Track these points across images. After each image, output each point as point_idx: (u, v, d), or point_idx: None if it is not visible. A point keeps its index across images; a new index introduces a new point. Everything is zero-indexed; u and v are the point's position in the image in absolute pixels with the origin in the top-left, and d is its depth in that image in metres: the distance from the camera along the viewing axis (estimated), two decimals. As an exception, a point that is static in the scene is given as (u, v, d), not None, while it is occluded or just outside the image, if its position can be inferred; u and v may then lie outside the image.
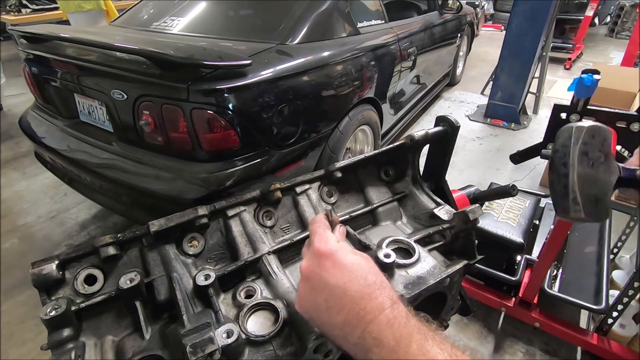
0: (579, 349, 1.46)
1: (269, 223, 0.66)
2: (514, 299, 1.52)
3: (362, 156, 0.73)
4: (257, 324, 0.50)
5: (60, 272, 0.51)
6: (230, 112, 1.39)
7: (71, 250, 0.53)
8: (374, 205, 0.73)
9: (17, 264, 2.04)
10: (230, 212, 0.63)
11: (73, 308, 0.49)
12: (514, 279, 1.47)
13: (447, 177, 0.83)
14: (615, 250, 1.75)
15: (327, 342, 0.47)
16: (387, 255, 0.54)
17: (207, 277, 0.53)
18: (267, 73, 1.50)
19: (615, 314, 1.33)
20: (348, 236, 0.65)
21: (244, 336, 0.48)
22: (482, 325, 1.66)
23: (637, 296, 1.31)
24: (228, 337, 0.45)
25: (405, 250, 0.61)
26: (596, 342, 1.36)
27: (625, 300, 1.29)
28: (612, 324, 1.35)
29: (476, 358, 1.55)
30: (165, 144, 1.50)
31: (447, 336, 0.37)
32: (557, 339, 1.49)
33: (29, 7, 4.80)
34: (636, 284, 1.24)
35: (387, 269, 0.55)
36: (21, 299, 1.84)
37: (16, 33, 1.94)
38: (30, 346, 1.62)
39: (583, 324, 1.57)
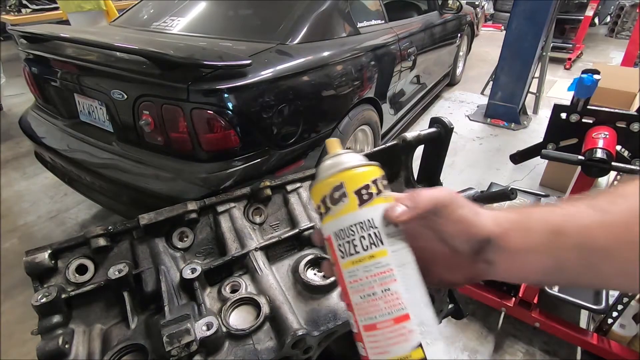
0: (579, 349, 1.46)
1: (258, 220, 0.66)
2: (514, 299, 1.52)
3: None
4: (240, 319, 0.51)
5: (53, 261, 0.53)
6: (230, 112, 1.39)
7: (63, 241, 0.55)
8: None
9: (17, 264, 2.04)
10: (220, 208, 0.64)
11: (63, 296, 0.51)
12: (514, 279, 1.47)
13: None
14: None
15: (306, 338, 0.48)
16: None
17: (193, 270, 0.54)
18: (267, 73, 1.50)
19: (615, 314, 1.33)
20: None
21: (224, 329, 0.49)
22: (482, 325, 1.66)
23: (637, 296, 1.31)
24: (208, 329, 0.45)
25: None
26: (596, 342, 1.36)
27: (625, 300, 1.29)
28: (612, 324, 1.35)
29: (476, 358, 1.55)
30: (165, 144, 1.50)
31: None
32: (557, 339, 1.49)
33: (29, 7, 4.80)
34: None
35: None
36: (21, 299, 1.84)
37: (16, 33, 1.94)
38: (30, 346, 1.62)
39: (583, 324, 1.57)
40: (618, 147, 0.99)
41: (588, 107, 1.03)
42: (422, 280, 0.36)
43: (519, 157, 1.22)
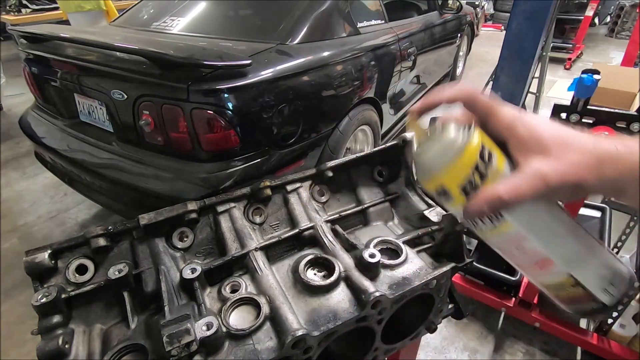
0: (579, 349, 1.46)
1: (258, 220, 0.66)
2: (514, 299, 1.52)
3: (353, 156, 0.73)
4: (240, 319, 0.51)
5: (53, 261, 0.53)
6: (230, 112, 1.39)
7: (63, 241, 0.54)
8: (365, 205, 0.73)
9: (17, 264, 2.04)
10: (220, 208, 0.64)
11: (63, 296, 0.51)
12: (513, 279, 1.47)
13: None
14: (615, 250, 1.75)
15: (306, 337, 0.47)
16: (372, 255, 0.55)
17: (193, 270, 0.54)
18: (267, 73, 1.50)
19: (615, 314, 1.33)
20: (337, 235, 0.65)
21: (224, 329, 0.48)
22: (482, 325, 1.66)
23: (637, 296, 1.31)
24: (208, 329, 0.45)
25: (393, 251, 0.62)
26: (596, 342, 1.36)
27: (625, 300, 1.29)
28: (612, 324, 1.35)
29: (476, 358, 1.55)
30: (166, 144, 1.50)
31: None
32: (557, 339, 1.49)
33: (29, 7, 4.80)
34: (636, 284, 1.24)
35: (372, 269, 0.55)
36: (21, 299, 1.84)
37: (16, 33, 1.94)
38: (30, 346, 1.62)
39: (583, 324, 1.57)
40: (618, 147, 0.99)
41: (588, 107, 1.03)
42: (565, 223, 0.37)
43: (519, 157, 1.22)
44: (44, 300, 0.48)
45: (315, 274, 0.58)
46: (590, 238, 0.38)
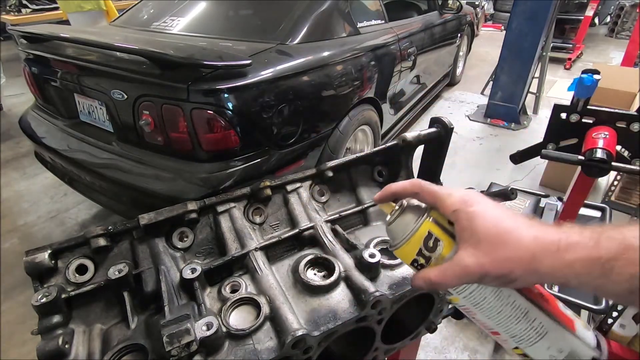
0: (579, 349, 1.46)
1: (258, 220, 0.66)
2: (514, 299, 1.52)
3: (353, 156, 0.73)
4: (240, 319, 0.51)
5: (53, 261, 0.53)
6: (230, 112, 1.39)
7: (63, 241, 0.55)
8: (365, 205, 0.73)
9: (17, 263, 2.04)
10: (220, 208, 0.64)
11: (63, 296, 0.51)
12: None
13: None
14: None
15: (306, 338, 0.47)
16: (372, 255, 0.55)
17: (193, 270, 0.54)
18: (267, 73, 1.50)
19: (615, 314, 1.33)
20: (337, 235, 0.65)
21: (224, 329, 0.49)
22: (482, 325, 1.66)
23: (637, 296, 1.31)
24: (208, 329, 0.46)
25: None
26: (596, 342, 1.36)
27: None
28: (612, 324, 1.35)
29: (476, 358, 1.55)
30: (165, 144, 1.50)
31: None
32: (557, 339, 1.48)
33: (29, 7, 4.80)
34: None
35: (372, 269, 0.55)
36: (21, 299, 1.84)
37: (16, 33, 1.94)
38: (30, 346, 1.62)
39: (583, 324, 1.56)
40: (618, 147, 0.99)
41: (588, 107, 1.02)
42: (513, 306, 0.39)
43: (519, 157, 1.22)
44: (44, 300, 0.48)
45: (315, 274, 0.58)
46: (545, 319, 0.40)
